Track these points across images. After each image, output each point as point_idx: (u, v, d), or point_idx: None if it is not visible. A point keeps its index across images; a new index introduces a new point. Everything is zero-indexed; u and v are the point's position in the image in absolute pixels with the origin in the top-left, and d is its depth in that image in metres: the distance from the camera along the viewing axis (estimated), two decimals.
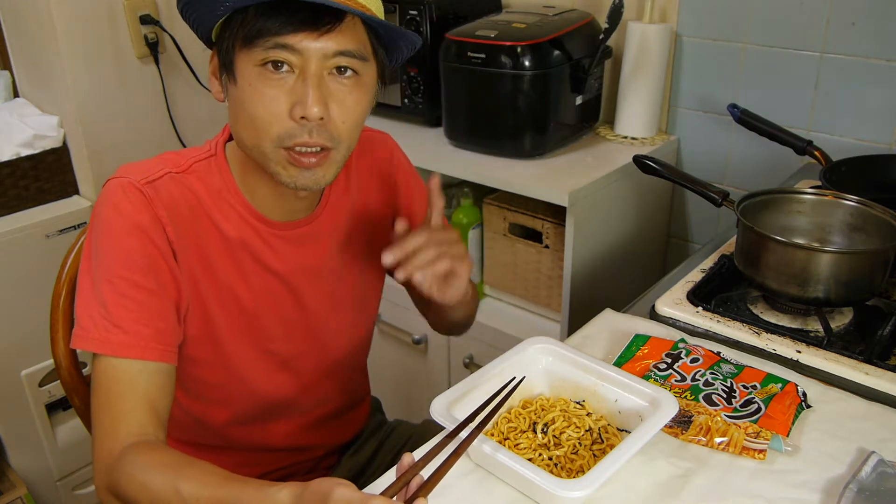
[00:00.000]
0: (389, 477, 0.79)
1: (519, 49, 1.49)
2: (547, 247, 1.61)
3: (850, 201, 1.09)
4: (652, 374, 0.92)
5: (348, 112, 0.82)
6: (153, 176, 0.85)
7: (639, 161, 1.25)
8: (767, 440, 0.81)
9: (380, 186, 1.04)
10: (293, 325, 0.97)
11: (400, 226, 0.84)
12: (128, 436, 0.77)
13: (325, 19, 0.76)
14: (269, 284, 0.93)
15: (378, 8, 0.83)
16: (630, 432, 0.77)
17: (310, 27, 0.76)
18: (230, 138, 0.91)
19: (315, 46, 0.77)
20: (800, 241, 1.10)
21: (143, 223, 0.82)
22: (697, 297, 1.09)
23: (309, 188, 0.84)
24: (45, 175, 1.74)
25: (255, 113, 0.79)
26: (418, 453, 0.74)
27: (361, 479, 1.12)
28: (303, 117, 0.78)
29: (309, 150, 0.81)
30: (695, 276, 1.15)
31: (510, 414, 0.85)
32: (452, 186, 1.85)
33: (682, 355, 0.94)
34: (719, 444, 0.81)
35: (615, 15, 1.51)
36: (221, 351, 0.93)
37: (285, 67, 0.78)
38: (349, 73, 0.81)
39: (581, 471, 0.77)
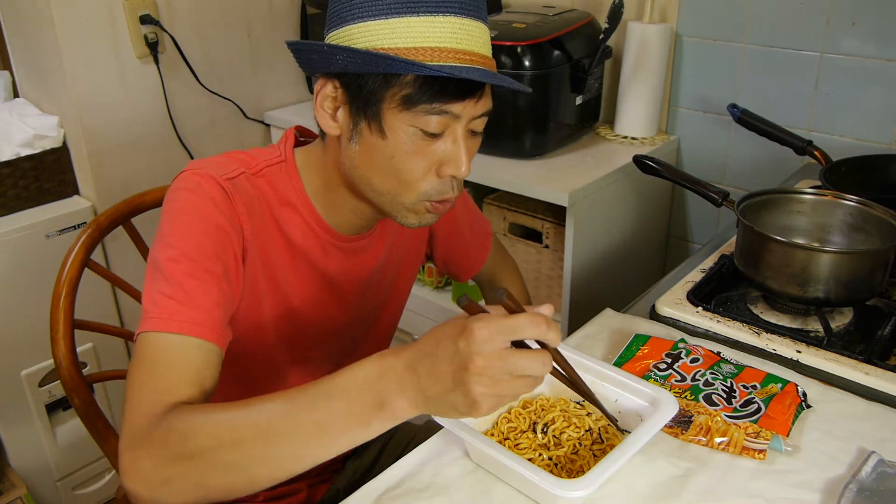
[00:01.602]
0: (391, 475, 0.79)
1: (519, 49, 1.50)
2: (547, 247, 1.61)
3: (850, 201, 1.09)
4: (652, 374, 0.92)
5: (472, 159, 0.85)
6: (232, 174, 0.84)
7: (639, 161, 1.25)
8: (767, 440, 0.81)
9: None
10: (330, 332, 0.99)
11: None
12: (172, 405, 0.71)
13: (480, 87, 0.79)
14: (320, 291, 0.95)
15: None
16: (630, 432, 0.77)
17: (471, 95, 0.78)
18: (296, 143, 0.92)
19: (471, 111, 0.80)
20: (800, 241, 1.10)
21: (223, 219, 0.81)
22: (697, 297, 1.09)
23: (429, 224, 0.88)
24: (45, 175, 1.74)
25: (403, 169, 0.81)
26: None
27: (366, 480, 1.12)
28: (452, 176, 0.82)
29: (445, 199, 0.84)
30: (695, 276, 1.15)
31: (510, 414, 0.85)
32: None
33: (682, 355, 0.94)
34: (719, 444, 0.81)
35: (615, 15, 1.52)
36: (262, 350, 0.94)
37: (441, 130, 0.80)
38: (481, 129, 0.84)
39: (581, 471, 0.77)
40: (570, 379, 0.72)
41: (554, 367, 0.67)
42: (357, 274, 0.97)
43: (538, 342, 0.64)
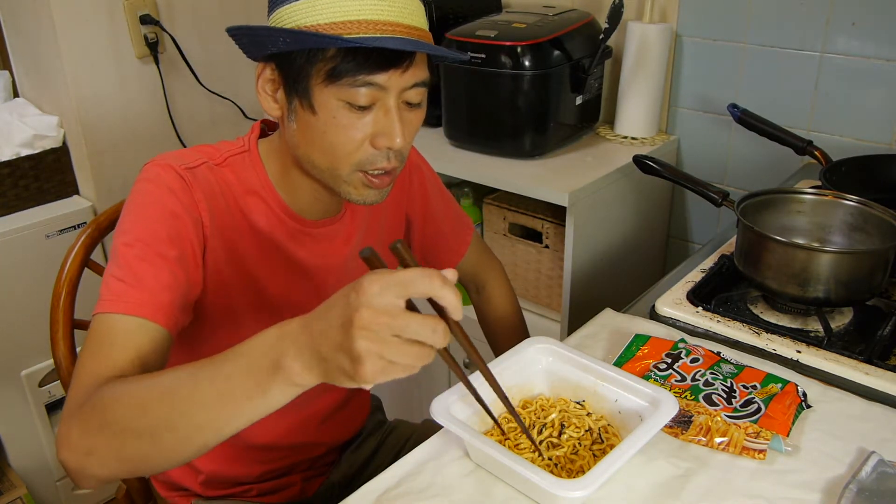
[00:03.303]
0: (390, 475, 0.79)
1: (519, 49, 1.49)
2: (547, 247, 1.61)
3: (850, 201, 1.09)
4: (652, 374, 0.92)
5: (413, 133, 0.86)
6: (192, 164, 0.87)
7: (639, 161, 1.25)
8: (767, 440, 0.81)
9: (397, 188, 1.07)
10: None
11: None
12: (109, 379, 0.72)
13: (405, 56, 0.79)
14: (294, 278, 0.95)
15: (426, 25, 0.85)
16: (630, 432, 0.77)
17: (396, 65, 0.79)
18: (261, 135, 0.94)
19: (399, 81, 0.80)
20: (800, 241, 1.10)
21: (179, 207, 0.83)
22: (697, 297, 1.09)
23: (375, 203, 0.88)
24: (45, 175, 1.74)
25: (336, 142, 0.82)
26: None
27: (361, 476, 1.12)
28: (387, 147, 0.82)
29: (381, 171, 0.85)
30: (695, 276, 1.15)
31: (510, 414, 0.85)
32: (452, 186, 1.85)
33: (682, 355, 0.94)
34: (719, 444, 0.81)
35: (615, 15, 1.51)
36: (240, 340, 0.93)
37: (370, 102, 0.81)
38: (418, 100, 0.85)
39: (581, 471, 0.77)
40: (468, 364, 0.71)
41: (448, 354, 0.64)
42: (330, 261, 0.98)
43: (438, 312, 0.60)
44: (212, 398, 0.64)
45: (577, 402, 0.86)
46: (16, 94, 1.84)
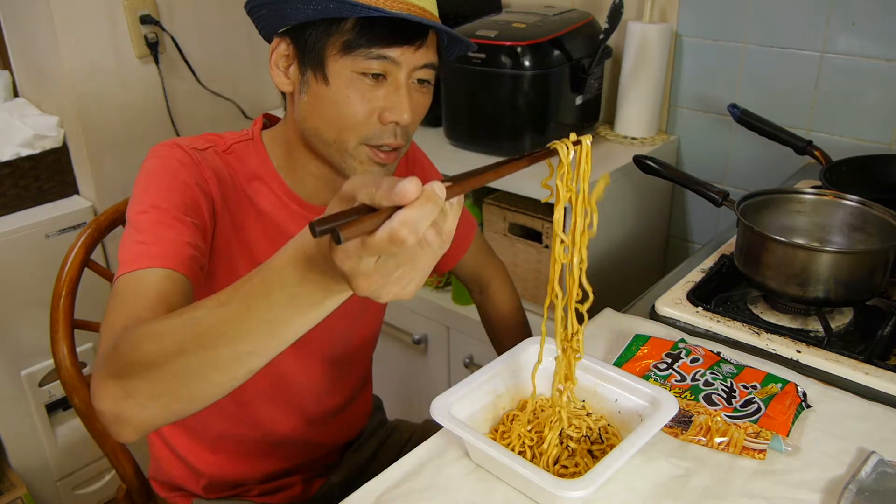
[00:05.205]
0: (390, 475, 0.79)
1: (519, 49, 1.49)
2: (547, 247, 1.61)
3: (850, 201, 1.09)
4: (652, 374, 0.92)
5: (420, 114, 0.89)
6: (200, 147, 0.90)
7: (639, 161, 1.25)
8: (767, 440, 0.81)
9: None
10: None
11: None
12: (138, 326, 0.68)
13: (418, 34, 0.83)
14: None
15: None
16: (630, 432, 0.77)
17: (409, 42, 0.83)
18: (263, 127, 0.97)
19: (411, 59, 0.84)
20: (800, 241, 1.10)
21: (191, 179, 0.85)
22: (697, 297, 1.09)
23: None
24: (45, 175, 1.74)
25: (346, 113, 0.85)
26: None
27: (362, 477, 1.12)
28: (395, 122, 0.85)
29: (388, 148, 0.87)
30: (695, 276, 1.15)
31: (509, 415, 0.85)
32: None
33: (682, 355, 0.94)
34: (719, 444, 0.81)
35: (615, 15, 1.51)
36: None
37: (381, 77, 0.84)
38: (426, 82, 0.88)
39: (581, 471, 0.77)
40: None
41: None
42: None
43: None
44: (282, 302, 0.58)
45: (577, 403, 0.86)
46: (16, 94, 1.84)
